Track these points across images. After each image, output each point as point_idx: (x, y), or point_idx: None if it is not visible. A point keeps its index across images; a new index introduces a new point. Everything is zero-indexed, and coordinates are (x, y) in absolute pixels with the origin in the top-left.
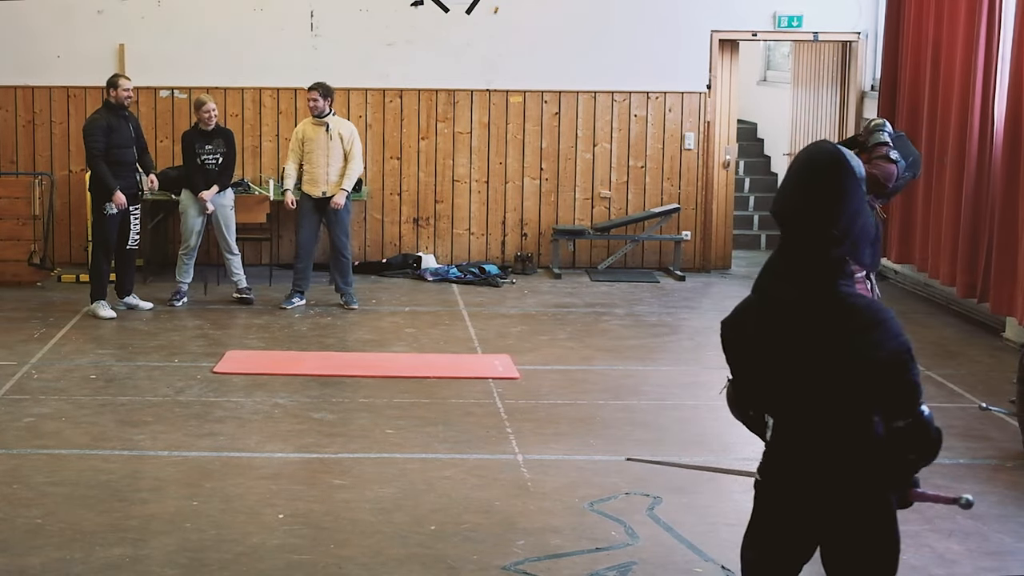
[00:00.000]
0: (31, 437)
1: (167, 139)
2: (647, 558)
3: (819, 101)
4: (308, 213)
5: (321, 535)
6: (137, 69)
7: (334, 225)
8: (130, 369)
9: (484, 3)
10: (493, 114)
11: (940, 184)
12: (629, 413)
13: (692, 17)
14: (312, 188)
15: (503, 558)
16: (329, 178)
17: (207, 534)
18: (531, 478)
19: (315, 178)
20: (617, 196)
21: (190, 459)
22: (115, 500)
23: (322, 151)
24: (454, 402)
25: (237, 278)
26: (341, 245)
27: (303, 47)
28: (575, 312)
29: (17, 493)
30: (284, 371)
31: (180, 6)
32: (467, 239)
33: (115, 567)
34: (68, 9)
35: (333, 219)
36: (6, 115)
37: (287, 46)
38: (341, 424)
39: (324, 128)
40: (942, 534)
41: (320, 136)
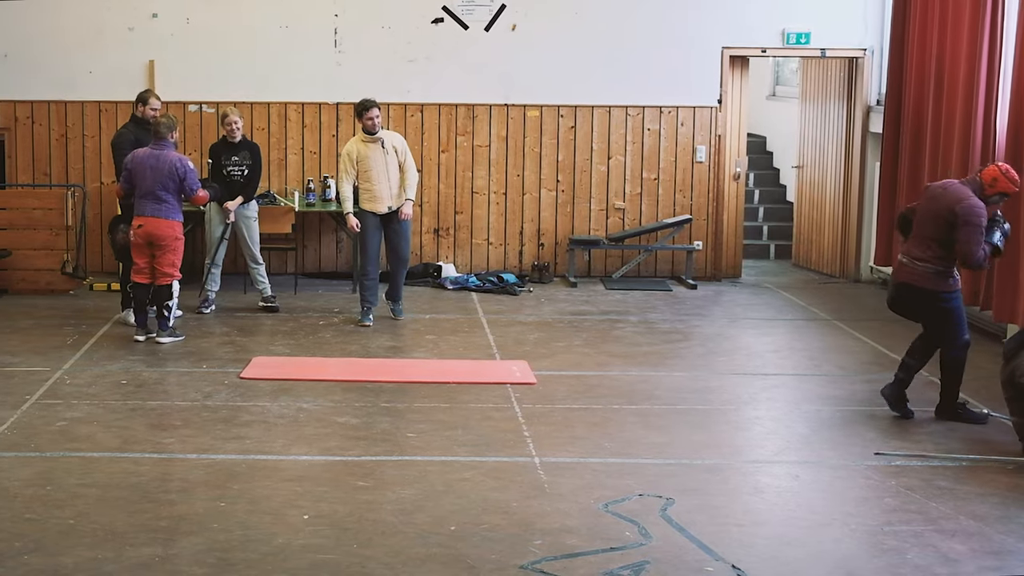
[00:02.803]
0: (64, 440)
1: (195, 152)
2: (660, 557)
3: (826, 115)
4: (372, 229)
5: (344, 535)
6: (166, 84)
7: (400, 237)
8: (160, 374)
9: (502, 21)
10: (511, 128)
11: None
12: (642, 417)
13: (704, 34)
14: (376, 205)
15: (521, 557)
16: (392, 192)
17: (234, 534)
18: (547, 480)
19: (378, 195)
20: (631, 207)
21: (218, 462)
22: (145, 501)
23: (381, 167)
24: (473, 407)
25: (262, 287)
26: (406, 256)
27: (327, 63)
28: (590, 319)
29: (50, 494)
30: (309, 377)
31: (208, 24)
32: (486, 249)
33: (145, 566)
34: (100, 26)
35: (400, 231)
36: (40, 129)
37: (312, 62)
38: (364, 428)
39: (379, 144)
40: (945, 534)
41: (376, 153)
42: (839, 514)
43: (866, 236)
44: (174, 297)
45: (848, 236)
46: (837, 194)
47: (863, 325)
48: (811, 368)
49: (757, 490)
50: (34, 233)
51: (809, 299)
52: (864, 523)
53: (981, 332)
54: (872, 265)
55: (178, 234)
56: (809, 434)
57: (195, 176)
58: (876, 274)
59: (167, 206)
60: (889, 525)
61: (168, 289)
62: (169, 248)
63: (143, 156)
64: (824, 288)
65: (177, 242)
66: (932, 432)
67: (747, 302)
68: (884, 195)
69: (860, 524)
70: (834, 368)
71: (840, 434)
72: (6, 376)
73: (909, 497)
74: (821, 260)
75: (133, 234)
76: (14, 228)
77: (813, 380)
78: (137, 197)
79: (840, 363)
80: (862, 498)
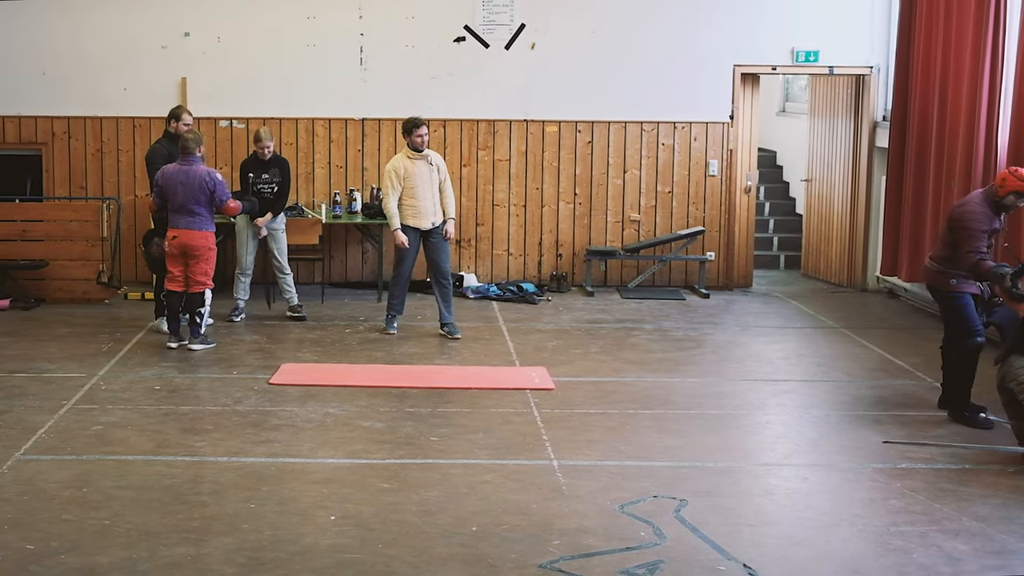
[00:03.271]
0: (99, 444)
1: (226, 165)
2: (674, 557)
3: (834, 130)
4: (412, 244)
5: (370, 535)
6: (198, 101)
7: (441, 251)
8: (192, 380)
9: (522, 39)
10: (530, 143)
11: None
12: (657, 422)
13: (716, 52)
14: (420, 221)
15: (540, 557)
16: (435, 208)
17: (264, 534)
18: (565, 482)
19: (422, 211)
20: (646, 219)
21: (248, 465)
22: (178, 503)
23: (426, 184)
24: (494, 411)
25: (289, 296)
26: (447, 270)
27: (353, 80)
28: (607, 327)
29: (87, 496)
30: (335, 383)
31: (238, 42)
32: (506, 259)
33: (178, 565)
34: (134, 45)
35: (441, 246)
36: (76, 144)
37: (338, 79)
38: (388, 432)
39: (425, 160)
40: (949, 534)
41: (422, 169)
42: (847, 515)
43: (872, 247)
44: (206, 305)
45: (855, 247)
46: (845, 206)
47: (869, 333)
48: (819, 374)
49: (767, 492)
50: (71, 244)
51: (817, 308)
52: (871, 524)
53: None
54: (878, 275)
55: (211, 244)
56: (817, 438)
57: (224, 187)
58: (882, 284)
59: (200, 218)
60: (895, 526)
61: (200, 297)
62: (203, 258)
63: (172, 172)
64: (832, 297)
65: (210, 252)
66: (938, 436)
67: (758, 311)
68: (890, 208)
69: (867, 525)
70: (841, 374)
71: (847, 438)
72: (44, 382)
73: (914, 499)
74: (829, 270)
75: (168, 244)
76: (51, 239)
77: (821, 386)
78: (171, 211)
79: (847, 369)
80: (868, 500)
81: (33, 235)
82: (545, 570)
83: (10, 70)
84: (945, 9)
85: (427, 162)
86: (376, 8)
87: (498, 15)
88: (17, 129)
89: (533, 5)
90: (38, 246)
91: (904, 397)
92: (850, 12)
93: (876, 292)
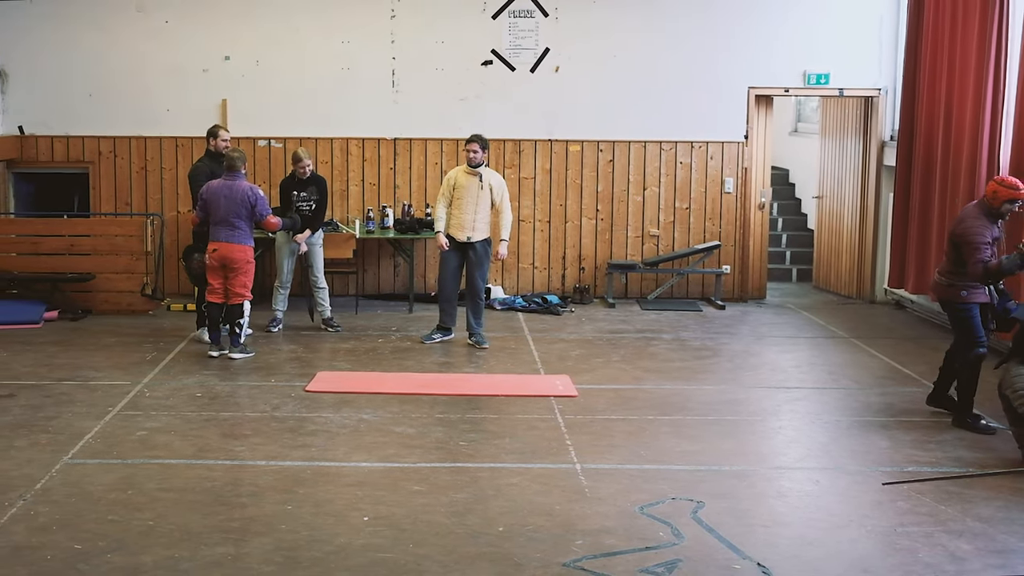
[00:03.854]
0: (144, 448)
1: (265, 183)
2: (691, 556)
3: (844, 149)
4: (451, 254)
5: (401, 536)
6: (238, 121)
7: (475, 267)
8: (232, 388)
9: (546, 63)
10: (554, 161)
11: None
12: (675, 427)
13: (731, 75)
14: (458, 232)
15: (563, 556)
16: (476, 224)
17: (300, 535)
18: (588, 485)
19: (462, 223)
20: (664, 234)
21: (285, 468)
22: (218, 504)
23: (472, 199)
24: (519, 417)
25: (322, 308)
26: (480, 288)
27: (385, 102)
28: (627, 337)
29: (132, 498)
30: (368, 390)
31: (276, 66)
32: (531, 272)
33: (218, 564)
34: (177, 68)
35: (476, 261)
36: (122, 162)
37: (371, 101)
38: (419, 437)
39: (478, 178)
40: (953, 535)
41: (472, 185)
42: (856, 516)
43: (881, 261)
44: (245, 316)
45: (864, 261)
46: (854, 222)
47: (878, 343)
48: (830, 382)
49: (780, 494)
50: (116, 258)
51: (828, 318)
52: (879, 524)
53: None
54: (886, 287)
55: (249, 258)
56: (828, 442)
57: (265, 203)
58: (890, 296)
59: (240, 232)
60: (902, 526)
61: (240, 308)
62: (241, 271)
63: (217, 187)
64: (842, 308)
65: (248, 265)
66: (942, 442)
67: (771, 321)
68: (897, 223)
69: (875, 525)
70: (851, 382)
71: (856, 443)
72: (91, 389)
73: (920, 501)
74: (839, 283)
75: (208, 257)
76: (98, 253)
77: (832, 393)
78: (212, 224)
79: (856, 377)
80: (876, 502)
81: (81, 249)
82: (569, 569)
83: (59, 92)
84: (949, 34)
85: (479, 180)
86: (407, 33)
87: (524, 40)
88: (65, 148)
89: (557, 31)
90: (85, 260)
91: (911, 404)
92: (859, 37)
93: (884, 304)
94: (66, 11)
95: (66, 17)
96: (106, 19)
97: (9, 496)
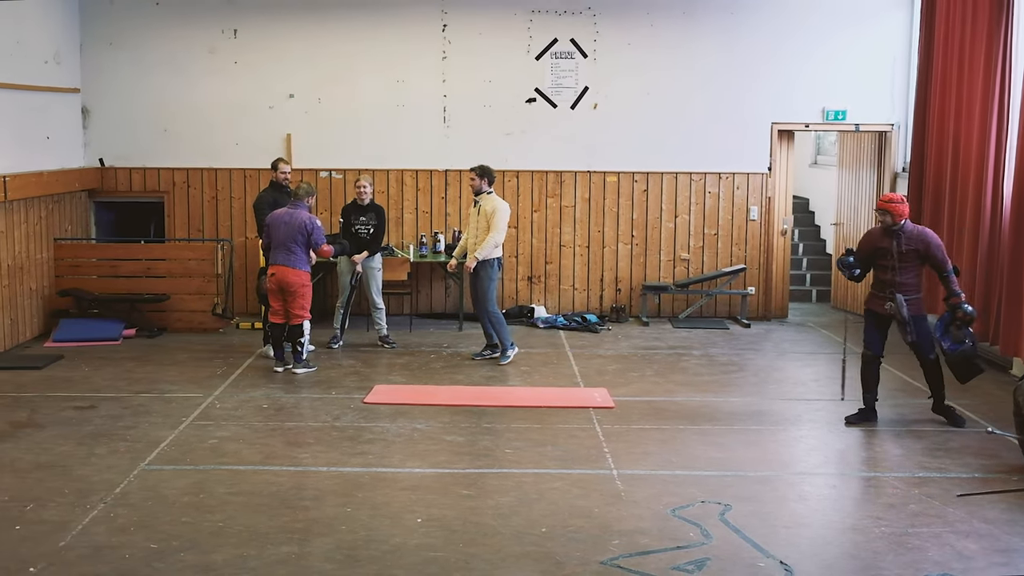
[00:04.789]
0: (214, 456)
1: (326, 211)
2: (719, 555)
3: (860, 180)
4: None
5: (452, 536)
6: (301, 154)
7: (475, 290)
8: (295, 400)
9: (586, 100)
10: (593, 191)
11: (960, 248)
12: (704, 436)
13: (756, 112)
14: (462, 253)
15: (601, 554)
16: (469, 248)
17: (359, 535)
18: (624, 489)
19: (464, 247)
20: (694, 258)
21: (345, 474)
22: (283, 507)
23: (472, 224)
24: (561, 427)
25: (379, 326)
26: (480, 308)
27: (437, 136)
28: (660, 353)
29: (203, 501)
30: (422, 402)
31: (337, 102)
32: (571, 293)
33: (283, 562)
34: (245, 106)
35: (474, 284)
36: (194, 192)
37: (424, 135)
38: (468, 445)
39: (475, 206)
40: (960, 535)
41: (472, 212)
42: (870, 518)
43: None
44: (305, 335)
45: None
46: None
47: (890, 358)
48: (847, 394)
49: (801, 498)
50: (189, 280)
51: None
52: (891, 526)
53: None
54: None
55: (305, 281)
56: (844, 450)
57: (321, 233)
58: None
59: (296, 257)
60: (912, 528)
61: (300, 328)
62: (298, 294)
63: (280, 214)
64: (858, 326)
65: (305, 288)
66: (950, 450)
67: (793, 338)
68: None
69: (888, 527)
70: None
71: (871, 450)
72: (166, 401)
73: (929, 504)
74: (855, 303)
75: (268, 281)
76: (172, 276)
77: (848, 405)
78: (272, 248)
79: None
80: (889, 505)
81: (156, 272)
82: (606, 566)
83: (136, 128)
84: (957, 75)
85: (475, 207)
86: (457, 73)
87: (564, 79)
88: (142, 179)
89: (595, 70)
90: (161, 282)
91: (920, 414)
92: (874, 77)
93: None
94: (144, 54)
95: (144, 59)
96: (180, 61)
97: (91, 499)
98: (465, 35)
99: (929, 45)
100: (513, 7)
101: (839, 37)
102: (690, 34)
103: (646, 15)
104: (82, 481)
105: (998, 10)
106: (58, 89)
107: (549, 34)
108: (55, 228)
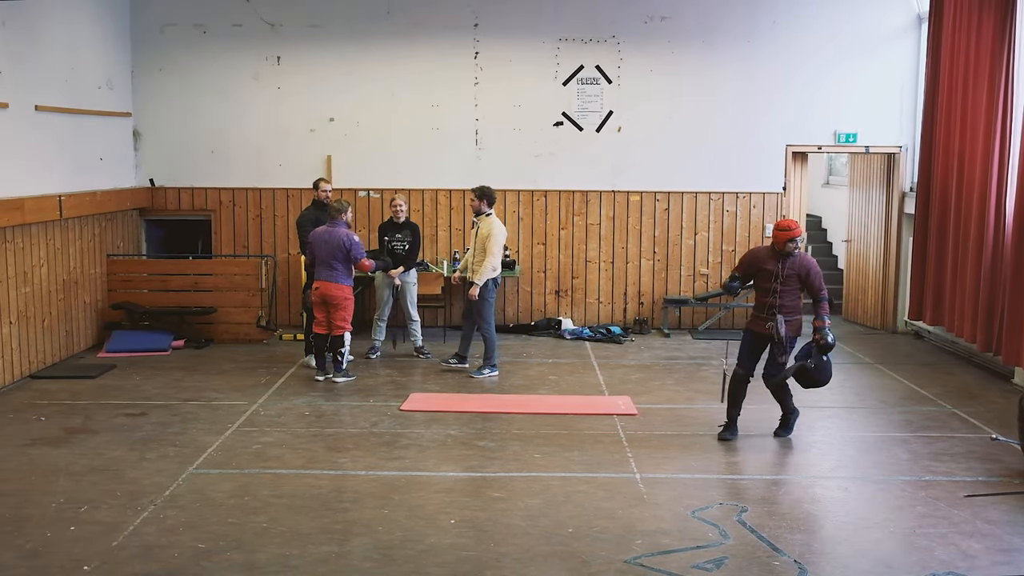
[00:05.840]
0: (259, 460)
1: (364, 229)
2: (736, 554)
3: (870, 200)
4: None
5: (484, 536)
6: (341, 174)
7: (471, 307)
8: (335, 407)
9: (610, 123)
10: (617, 209)
11: (964, 263)
12: (722, 442)
13: (771, 135)
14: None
15: (625, 554)
16: (472, 267)
17: (395, 535)
18: (646, 492)
19: (465, 264)
20: (713, 273)
21: (382, 477)
22: (324, 509)
23: (472, 243)
24: (586, 433)
25: (414, 338)
26: (467, 319)
27: (470, 157)
28: (681, 363)
29: (248, 503)
30: (455, 409)
31: (375, 126)
32: (596, 306)
33: (324, 561)
34: (287, 130)
35: (471, 302)
36: (240, 210)
37: (457, 156)
38: (499, 450)
39: (475, 227)
40: (965, 535)
41: (472, 232)
42: (880, 519)
43: (902, 296)
44: (346, 345)
45: (887, 296)
46: (878, 263)
47: (899, 368)
48: (857, 402)
49: (814, 500)
50: (235, 294)
51: (856, 347)
52: (900, 526)
53: (992, 373)
54: (907, 319)
55: (347, 295)
56: (856, 455)
57: (360, 248)
58: (909, 327)
59: (337, 272)
60: (920, 528)
61: (341, 339)
62: (340, 306)
63: (320, 232)
64: (867, 338)
65: (347, 301)
66: (955, 455)
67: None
68: (916, 264)
69: (896, 527)
70: (876, 402)
71: (880, 455)
72: (212, 408)
73: (935, 506)
74: (866, 316)
75: (312, 295)
76: (219, 290)
77: (859, 412)
78: (315, 265)
79: (881, 398)
80: (898, 506)
81: (204, 286)
82: (630, 565)
83: (185, 150)
84: (962, 99)
85: (474, 226)
86: (489, 98)
87: (590, 103)
88: (191, 198)
89: (620, 95)
90: (208, 295)
91: (928, 421)
92: (883, 101)
93: (904, 334)
94: (192, 79)
95: (192, 85)
96: (226, 86)
97: (141, 502)
98: (496, 62)
99: (935, 71)
100: (541, 35)
101: (850, 64)
102: (709, 61)
103: (667, 43)
104: (133, 484)
105: (1001, 39)
106: (111, 113)
107: (575, 61)
108: (108, 245)
